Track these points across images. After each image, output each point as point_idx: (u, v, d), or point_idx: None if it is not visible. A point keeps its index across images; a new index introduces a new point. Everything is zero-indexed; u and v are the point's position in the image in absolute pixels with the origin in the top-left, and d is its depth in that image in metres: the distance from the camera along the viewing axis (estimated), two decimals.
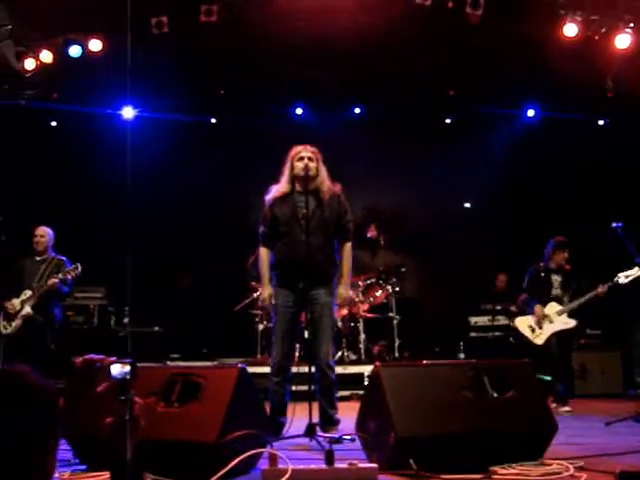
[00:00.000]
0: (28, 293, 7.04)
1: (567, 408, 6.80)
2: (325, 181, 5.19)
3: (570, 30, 8.15)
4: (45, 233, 7.39)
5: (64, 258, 7.31)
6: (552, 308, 7.23)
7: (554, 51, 8.33)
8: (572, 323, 7.15)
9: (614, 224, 6.60)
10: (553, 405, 6.74)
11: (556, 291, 7.33)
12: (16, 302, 7.03)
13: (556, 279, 7.38)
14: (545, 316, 7.22)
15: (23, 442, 1.52)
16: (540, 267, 7.49)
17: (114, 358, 2.11)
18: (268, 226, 5.24)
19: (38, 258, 7.30)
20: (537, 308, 7.27)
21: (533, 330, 7.31)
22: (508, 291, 9.66)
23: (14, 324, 7.00)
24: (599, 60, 8.58)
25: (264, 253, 5.27)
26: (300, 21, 8.26)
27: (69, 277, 7.01)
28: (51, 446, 1.58)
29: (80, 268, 7.03)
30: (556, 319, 7.18)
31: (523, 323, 7.46)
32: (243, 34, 8.56)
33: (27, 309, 6.99)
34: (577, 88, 9.22)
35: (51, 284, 6.96)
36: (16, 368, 1.61)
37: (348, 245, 5.27)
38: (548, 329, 7.20)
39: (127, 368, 2.04)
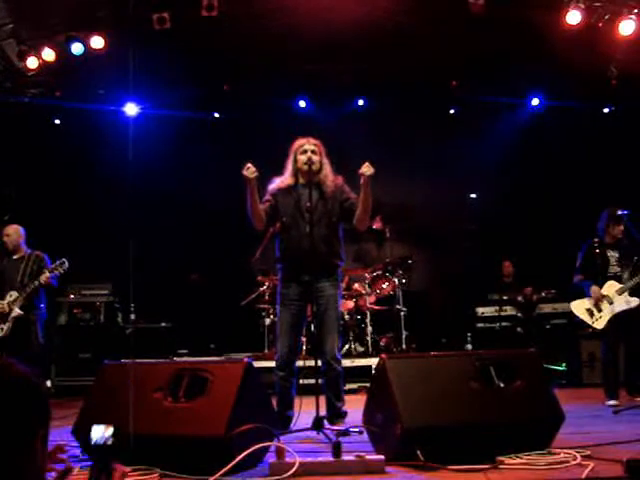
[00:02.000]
0: (14, 294, 6.93)
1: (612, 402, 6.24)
2: (329, 174, 5.18)
3: (573, 17, 8.10)
4: (11, 232, 7.24)
5: (41, 253, 7.22)
6: (611, 287, 6.51)
7: (557, 39, 8.27)
8: (635, 302, 6.42)
9: (619, 211, 6.58)
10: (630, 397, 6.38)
11: (614, 268, 6.61)
12: (3, 304, 6.91)
13: (613, 255, 6.65)
14: (604, 297, 6.50)
15: (9, 433, 1.52)
16: (595, 242, 6.78)
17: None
18: (267, 203, 5.17)
19: (15, 257, 7.19)
20: (594, 289, 6.54)
21: (592, 314, 6.56)
22: (515, 281, 9.65)
23: (5, 327, 6.89)
24: (603, 47, 8.53)
25: None
26: (302, 14, 8.23)
27: (57, 273, 6.90)
28: (39, 436, 1.59)
29: (67, 264, 6.90)
30: (616, 299, 6.46)
31: (579, 307, 6.70)
32: (245, 28, 8.55)
33: (16, 310, 6.89)
34: (581, 76, 9.18)
35: (45, 280, 6.86)
36: (25, 370, 1.62)
37: None
38: (608, 311, 6.47)
39: (109, 432, 1.93)
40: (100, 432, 1.89)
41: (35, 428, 1.58)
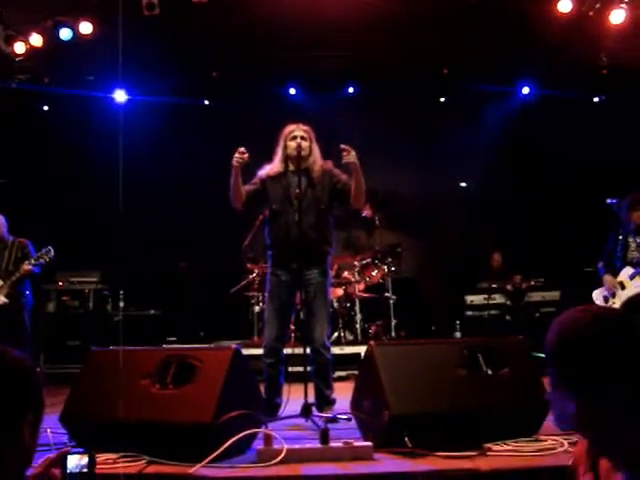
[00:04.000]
0: None
1: None
2: (317, 160, 5.17)
3: (564, 6, 8.09)
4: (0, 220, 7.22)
5: (25, 240, 7.18)
6: (626, 272, 6.56)
7: (548, 28, 8.27)
8: None
9: (609, 200, 6.60)
10: None
11: (632, 254, 6.64)
12: None
13: (633, 241, 6.64)
14: (619, 282, 6.56)
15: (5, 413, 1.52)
16: (619, 232, 6.76)
17: (71, 449, 1.97)
18: (252, 187, 5.19)
19: None
20: (605, 277, 6.67)
21: (607, 300, 6.67)
22: (504, 270, 9.68)
23: None
24: (594, 36, 8.52)
25: None
26: (292, 0, 8.18)
27: (42, 261, 6.89)
28: (27, 420, 1.58)
29: (52, 252, 6.87)
30: (628, 284, 6.49)
31: (598, 295, 6.84)
32: (235, 15, 8.48)
33: (1, 298, 6.86)
34: (571, 65, 9.18)
35: (26, 270, 6.86)
36: (21, 355, 1.62)
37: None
38: (621, 296, 6.52)
39: (85, 460, 1.89)
40: (76, 461, 1.86)
41: (23, 411, 1.58)
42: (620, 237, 6.71)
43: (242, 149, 4.96)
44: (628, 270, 6.56)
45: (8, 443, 1.54)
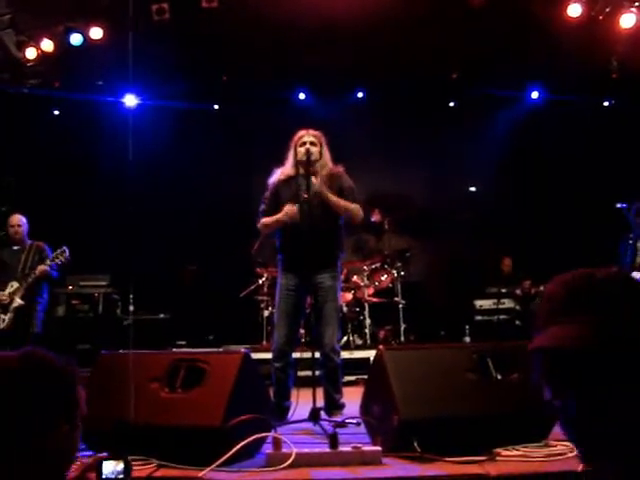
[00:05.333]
0: (15, 285, 6.86)
1: None
2: (327, 164, 5.19)
3: (574, 10, 8.08)
4: (22, 222, 7.22)
5: (42, 244, 7.17)
6: (636, 277, 6.33)
7: (558, 32, 8.26)
8: None
9: (618, 205, 6.57)
10: None
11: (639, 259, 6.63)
12: (5, 294, 6.84)
13: None
14: None
15: (39, 421, 1.53)
16: (629, 235, 6.75)
17: (106, 454, 1.97)
18: (269, 205, 5.23)
19: (15, 247, 7.14)
20: None
21: None
22: (514, 274, 9.64)
23: (7, 318, 6.80)
24: (604, 40, 8.50)
25: (264, 219, 5.24)
26: (302, 5, 8.20)
27: (58, 262, 6.85)
28: (68, 423, 1.59)
29: (67, 252, 6.85)
30: None
31: None
32: (245, 20, 8.52)
33: (18, 301, 6.82)
34: (581, 69, 9.15)
35: (41, 271, 6.84)
36: (39, 351, 1.63)
37: (357, 205, 5.20)
38: None
39: (120, 467, 1.90)
40: (111, 467, 1.87)
41: (63, 414, 1.59)
42: (630, 242, 6.68)
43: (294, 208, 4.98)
44: (636, 275, 6.47)
45: (48, 445, 1.55)
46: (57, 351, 1.69)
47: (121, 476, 1.87)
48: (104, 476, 1.85)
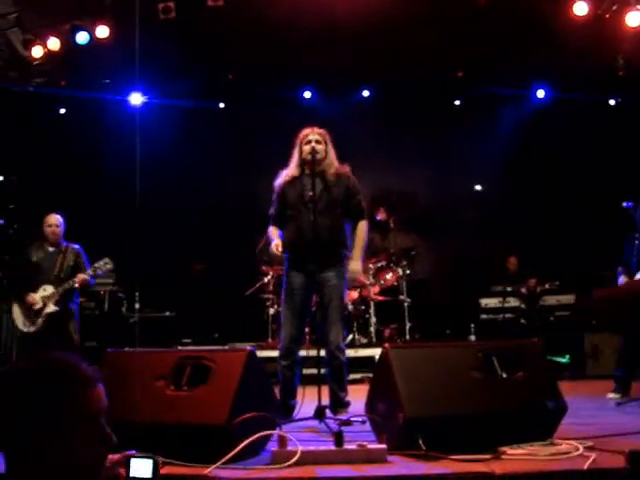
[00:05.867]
0: (49, 289, 6.62)
1: (611, 395, 6.16)
2: (333, 163, 5.19)
3: (580, 9, 8.05)
4: (59, 222, 6.98)
5: (78, 247, 6.98)
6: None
7: (564, 30, 8.23)
8: None
9: (625, 204, 6.55)
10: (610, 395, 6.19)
11: None
12: (37, 298, 6.59)
13: None
14: None
15: (59, 425, 1.55)
16: (635, 234, 6.60)
17: (134, 452, 1.96)
18: (277, 209, 5.27)
19: (51, 249, 6.88)
20: (621, 279, 6.51)
21: None
22: (520, 273, 9.63)
23: (38, 322, 6.56)
24: (610, 39, 8.47)
25: (273, 229, 5.29)
26: (306, 5, 8.20)
27: (100, 272, 6.67)
28: (96, 424, 1.61)
29: (111, 264, 6.63)
30: None
31: None
32: (250, 18, 8.52)
33: (51, 307, 6.58)
34: (587, 67, 9.13)
35: (81, 280, 6.62)
36: (69, 357, 1.65)
37: (362, 223, 5.25)
38: None
39: (149, 465, 1.89)
40: (140, 465, 1.87)
41: (81, 425, 1.60)
42: (636, 242, 6.61)
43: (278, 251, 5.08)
44: None
45: (78, 445, 1.56)
46: (63, 348, 1.71)
47: (149, 476, 1.86)
48: (131, 474, 1.85)
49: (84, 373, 1.64)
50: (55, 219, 6.96)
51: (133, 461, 1.86)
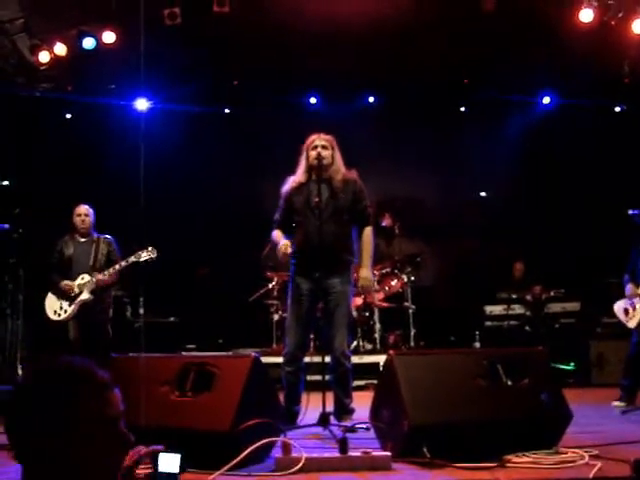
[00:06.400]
0: (86, 277, 6.52)
1: (617, 403, 6.19)
2: (340, 169, 5.18)
3: (586, 15, 8.04)
4: (89, 212, 6.92)
5: (110, 237, 6.93)
6: None
7: (570, 37, 8.22)
8: None
9: (630, 211, 6.54)
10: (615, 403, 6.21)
11: None
12: (74, 284, 6.51)
13: None
14: (639, 294, 6.37)
15: (71, 430, 1.55)
16: None
17: (162, 447, 1.99)
18: (283, 215, 5.28)
19: (82, 240, 6.80)
20: (628, 286, 6.51)
21: (627, 312, 6.49)
22: (525, 280, 9.61)
23: (70, 309, 6.48)
24: (616, 45, 8.46)
25: (277, 233, 5.27)
26: (312, 10, 8.21)
27: (142, 261, 6.51)
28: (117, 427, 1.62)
29: (155, 252, 6.52)
30: None
31: (619, 307, 6.66)
32: (256, 24, 8.53)
33: (86, 294, 6.47)
34: (593, 74, 9.12)
35: (120, 267, 6.52)
36: (86, 363, 1.66)
37: (368, 229, 5.25)
38: None
39: (176, 460, 1.92)
40: (169, 460, 1.90)
41: (96, 433, 1.60)
42: None
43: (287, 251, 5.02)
44: None
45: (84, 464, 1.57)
46: (67, 353, 1.71)
47: (176, 471, 1.89)
48: (160, 469, 1.88)
49: (100, 377, 1.64)
50: (84, 209, 6.92)
51: (161, 456, 1.90)
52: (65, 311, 6.53)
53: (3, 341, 7.83)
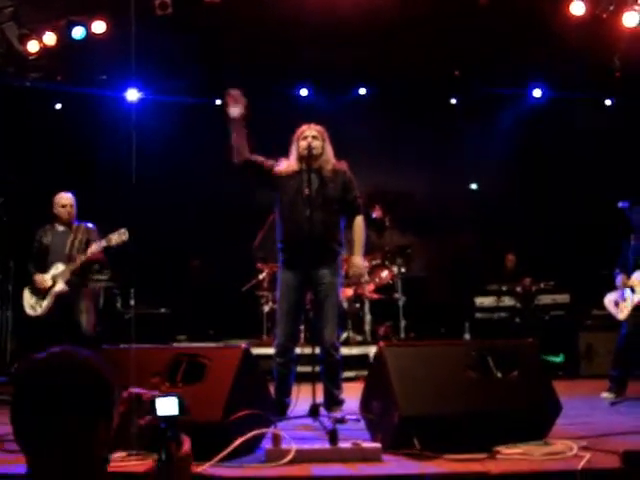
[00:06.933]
0: (60, 267, 6.21)
1: (606, 394, 6.24)
2: (330, 159, 5.18)
3: (577, 8, 8.04)
4: (73, 202, 6.58)
5: (91, 225, 6.60)
6: (638, 276, 6.38)
7: (561, 30, 8.22)
8: None
9: (620, 203, 6.56)
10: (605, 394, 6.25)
11: None
12: (46, 277, 6.20)
13: None
14: (629, 286, 6.37)
15: (74, 419, 1.56)
16: (631, 235, 6.60)
17: (157, 392, 1.99)
18: (264, 161, 5.30)
19: (61, 229, 6.47)
20: (619, 278, 6.52)
21: (617, 304, 6.52)
22: (517, 271, 9.63)
23: (45, 304, 6.17)
24: (607, 39, 8.47)
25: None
26: (306, 1, 8.18)
27: (113, 244, 6.14)
28: (100, 430, 1.61)
29: (127, 235, 6.14)
30: (638, 289, 6.33)
31: (609, 299, 6.70)
32: (248, 15, 8.50)
33: (60, 285, 6.16)
34: (584, 67, 9.13)
35: (93, 252, 6.14)
36: (80, 351, 1.65)
37: (359, 219, 5.25)
38: (631, 301, 6.36)
39: (174, 402, 1.92)
40: (166, 404, 1.89)
41: (100, 416, 1.62)
42: (632, 242, 6.62)
43: (233, 92, 4.97)
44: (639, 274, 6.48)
45: (85, 444, 1.57)
46: (58, 344, 1.70)
47: (176, 412, 1.89)
48: (159, 413, 1.87)
49: (104, 374, 1.65)
50: (69, 199, 6.60)
51: (158, 401, 1.88)
52: (41, 305, 6.25)
53: None
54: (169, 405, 1.89)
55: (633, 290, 6.44)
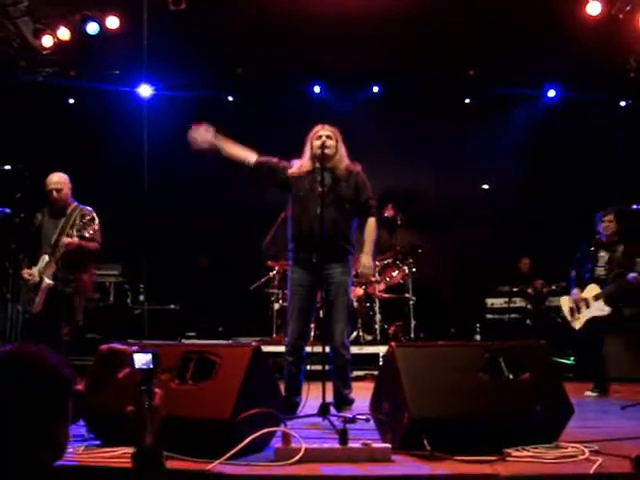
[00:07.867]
0: (45, 259, 5.65)
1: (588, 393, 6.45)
2: (343, 159, 5.18)
3: (594, 8, 8.01)
4: (62, 180, 5.94)
5: (89, 208, 5.91)
6: (591, 291, 6.50)
7: (576, 30, 8.18)
8: (606, 311, 6.36)
9: (634, 206, 6.53)
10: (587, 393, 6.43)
11: (599, 270, 6.53)
12: (34, 271, 5.68)
13: (602, 256, 6.54)
14: (583, 299, 6.53)
15: (29, 418, 1.56)
16: (594, 240, 6.71)
17: (136, 347, 2.18)
18: (273, 164, 5.33)
19: (53, 213, 5.88)
20: (574, 292, 6.65)
21: (573, 313, 6.70)
22: (532, 275, 9.58)
23: (37, 300, 5.64)
24: (622, 39, 8.42)
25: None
26: None
27: (86, 234, 5.54)
28: (59, 424, 1.60)
29: (95, 218, 5.58)
30: (592, 304, 6.44)
31: (566, 303, 6.84)
32: (261, 11, 8.49)
33: (46, 280, 5.60)
34: (599, 68, 9.09)
35: (67, 244, 5.53)
36: (31, 347, 1.65)
37: (372, 220, 5.24)
38: (585, 314, 6.51)
39: (149, 358, 2.11)
40: (143, 358, 2.10)
41: (53, 416, 1.62)
42: (592, 249, 6.69)
43: (194, 129, 5.04)
44: (594, 288, 6.52)
45: (43, 443, 1.56)
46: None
47: (151, 366, 2.10)
48: (137, 366, 2.08)
49: (60, 373, 1.64)
50: (55, 182, 5.91)
51: (135, 356, 2.09)
52: (34, 301, 5.72)
53: (3, 326, 7.81)
54: (146, 359, 2.09)
55: (587, 304, 6.53)
